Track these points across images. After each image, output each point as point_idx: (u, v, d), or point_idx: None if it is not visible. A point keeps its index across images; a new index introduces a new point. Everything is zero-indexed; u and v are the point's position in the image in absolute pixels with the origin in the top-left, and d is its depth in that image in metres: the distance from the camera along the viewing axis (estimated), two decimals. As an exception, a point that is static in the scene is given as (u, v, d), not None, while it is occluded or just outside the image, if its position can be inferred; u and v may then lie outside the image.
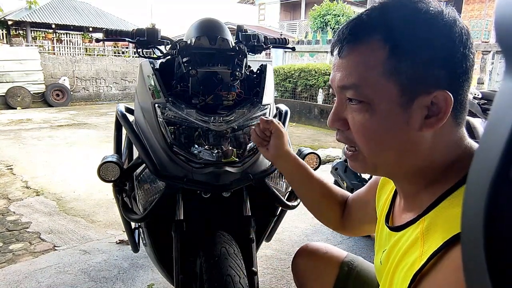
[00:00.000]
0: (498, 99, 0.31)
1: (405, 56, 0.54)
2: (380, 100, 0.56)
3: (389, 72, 0.55)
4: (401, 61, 0.54)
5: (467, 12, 15.81)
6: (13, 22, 12.33)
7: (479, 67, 6.15)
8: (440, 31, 0.54)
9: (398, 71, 0.54)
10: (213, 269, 1.06)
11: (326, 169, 3.53)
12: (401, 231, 0.63)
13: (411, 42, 0.54)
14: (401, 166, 0.60)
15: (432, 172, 0.59)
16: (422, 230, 0.56)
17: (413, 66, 0.54)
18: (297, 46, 9.37)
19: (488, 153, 0.30)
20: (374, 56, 0.56)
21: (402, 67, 0.54)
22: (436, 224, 0.54)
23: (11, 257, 2.14)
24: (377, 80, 0.56)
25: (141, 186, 1.20)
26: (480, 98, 3.35)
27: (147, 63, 1.28)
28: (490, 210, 0.30)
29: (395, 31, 0.55)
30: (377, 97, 0.56)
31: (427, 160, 0.59)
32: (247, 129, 1.17)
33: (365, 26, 0.58)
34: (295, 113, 7.24)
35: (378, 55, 0.55)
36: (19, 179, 3.61)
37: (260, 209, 1.30)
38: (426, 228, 0.55)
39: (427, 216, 0.57)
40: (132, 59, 11.84)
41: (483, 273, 0.30)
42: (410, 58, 0.54)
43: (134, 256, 2.14)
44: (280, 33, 14.43)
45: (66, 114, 8.31)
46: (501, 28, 0.30)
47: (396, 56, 0.54)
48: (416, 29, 0.54)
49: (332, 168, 2.55)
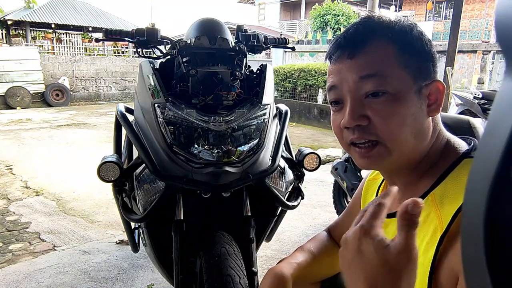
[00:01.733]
0: (498, 99, 0.31)
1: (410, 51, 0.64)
2: (400, 88, 0.62)
3: (403, 64, 0.63)
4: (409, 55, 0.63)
5: (467, 12, 15.81)
6: (12, 22, 12.32)
7: (479, 67, 6.16)
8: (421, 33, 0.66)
9: (409, 64, 0.63)
10: (213, 269, 1.06)
11: (326, 169, 3.53)
12: None
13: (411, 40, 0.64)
14: (417, 151, 0.66)
15: (433, 154, 0.67)
16: (435, 202, 0.62)
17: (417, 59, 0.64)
18: (297, 46, 9.37)
19: (488, 153, 0.30)
20: (387, 52, 0.63)
21: (410, 60, 0.63)
22: (449, 192, 0.61)
23: (11, 257, 2.14)
24: (395, 71, 0.63)
25: (141, 186, 1.20)
26: (480, 98, 3.35)
27: (147, 63, 1.28)
28: (490, 210, 0.30)
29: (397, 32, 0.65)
30: (398, 86, 0.62)
31: (431, 143, 0.66)
32: (247, 129, 1.17)
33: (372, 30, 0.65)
34: (295, 113, 7.24)
35: (390, 51, 0.63)
36: (19, 179, 3.61)
37: (260, 209, 1.30)
38: (440, 199, 0.62)
39: (436, 190, 0.63)
40: (132, 59, 11.83)
41: (483, 273, 0.30)
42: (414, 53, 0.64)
43: (134, 256, 2.14)
44: (280, 33, 14.43)
45: (65, 114, 8.30)
46: (501, 28, 0.30)
47: (404, 51, 0.63)
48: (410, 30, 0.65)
49: (332, 168, 2.54)
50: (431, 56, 0.66)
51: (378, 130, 0.64)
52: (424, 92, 0.64)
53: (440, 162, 0.66)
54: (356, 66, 0.64)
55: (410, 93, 0.63)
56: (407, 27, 0.66)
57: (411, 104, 0.62)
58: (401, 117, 0.62)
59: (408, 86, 0.63)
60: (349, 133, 0.66)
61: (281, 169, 1.32)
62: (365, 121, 0.64)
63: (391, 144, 0.64)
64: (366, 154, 0.66)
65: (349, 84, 0.65)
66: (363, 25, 0.67)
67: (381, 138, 0.64)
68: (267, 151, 1.24)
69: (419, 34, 0.66)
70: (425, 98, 0.64)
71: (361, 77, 0.63)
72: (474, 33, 16.12)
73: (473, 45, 7.00)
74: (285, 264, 0.84)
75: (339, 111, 0.68)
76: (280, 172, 1.32)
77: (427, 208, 0.62)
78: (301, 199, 1.40)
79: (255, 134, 1.19)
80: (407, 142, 0.64)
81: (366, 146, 0.66)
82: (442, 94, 0.65)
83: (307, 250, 0.91)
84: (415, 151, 0.66)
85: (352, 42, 0.65)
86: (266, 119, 1.21)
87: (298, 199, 1.38)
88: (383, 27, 0.65)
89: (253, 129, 1.18)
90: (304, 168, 1.39)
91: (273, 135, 1.29)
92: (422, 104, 0.64)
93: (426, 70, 0.64)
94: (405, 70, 0.63)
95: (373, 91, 0.63)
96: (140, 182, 1.20)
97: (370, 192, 0.86)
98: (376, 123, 0.63)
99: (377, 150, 0.65)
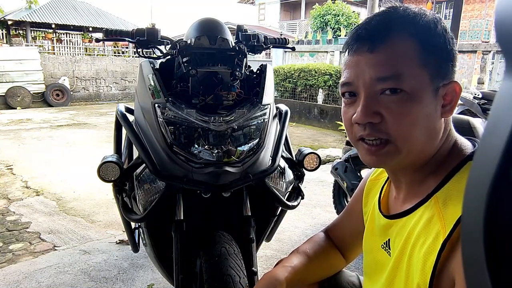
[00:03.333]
0: (498, 99, 0.31)
1: (432, 48, 0.61)
2: (418, 88, 0.61)
3: (422, 63, 0.61)
4: (429, 53, 0.61)
5: (467, 12, 15.80)
6: (13, 22, 12.32)
7: (479, 67, 6.15)
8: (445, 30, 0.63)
9: (428, 62, 0.61)
10: (213, 269, 1.06)
11: (326, 169, 3.53)
12: (408, 215, 0.67)
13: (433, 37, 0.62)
14: (426, 151, 0.65)
15: (440, 156, 0.65)
16: (438, 206, 0.61)
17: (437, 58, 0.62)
18: (297, 46, 9.36)
19: (488, 153, 0.30)
20: (409, 48, 0.61)
21: (430, 59, 0.61)
22: (452, 196, 0.60)
23: (11, 257, 2.14)
24: (414, 70, 0.60)
25: (141, 186, 1.20)
26: (480, 98, 3.35)
27: (147, 63, 1.28)
28: (490, 209, 0.30)
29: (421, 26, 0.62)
30: (416, 85, 0.60)
31: (439, 145, 0.65)
32: (247, 129, 1.17)
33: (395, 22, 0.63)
34: (295, 113, 7.24)
35: (412, 47, 0.61)
36: (19, 179, 3.61)
37: (260, 209, 1.30)
38: (443, 202, 0.60)
39: (439, 193, 0.62)
40: (132, 59, 11.83)
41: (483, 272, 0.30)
42: (435, 51, 0.61)
43: (134, 256, 2.14)
44: (280, 33, 14.43)
45: (66, 114, 8.31)
46: (501, 28, 0.31)
47: (426, 48, 0.61)
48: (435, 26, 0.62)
49: (332, 168, 2.54)
50: (452, 55, 0.63)
51: (390, 129, 0.62)
52: (441, 92, 0.62)
53: (445, 164, 0.65)
54: (374, 61, 0.62)
55: (427, 92, 0.61)
56: (432, 22, 0.62)
57: (426, 104, 0.61)
58: (415, 116, 0.61)
59: (425, 85, 0.61)
60: (359, 128, 0.65)
61: (281, 169, 1.32)
62: (378, 118, 0.63)
63: (401, 143, 0.63)
64: (375, 152, 0.65)
65: (365, 79, 0.63)
66: (386, 16, 0.64)
67: (392, 137, 0.63)
68: (267, 151, 1.24)
69: (443, 30, 0.62)
70: (440, 98, 0.62)
71: (378, 78, 0.62)
72: (474, 33, 16.11)
73: (473, 45, 6.99)
74: (280, 268, 0.83)
75: (352, 104, 0.66)
76: (280, 172, 1.32)
77: (430, 211, 0.61)
78: (301, 199, 1.40)
79: (255, 134, 1.19)
80: (418, 142, 0.63)
81: (375, 143, 0.64)
82: (458, 96, 0.63)
83: (302, 252, 0.90)
84: (425, 152, 0.65)
85: (372, 35, 0.62)
86: (266, 119, 1.21)
87: (298, 199, 1.38)
88: (407, 20, 0.62)
89: (253, 129, 1.18)
90: (304, 168, 1.39)
91: (273, 135, 1.29)
92: (437, 105, 0.62)
93: (445, 70, 0.62)
94: (425, 69, 0.61)
95: (389, 88, 0.61)
96: (140, 182, 1.20)
97: (373, 192, 0.85)
98: (389, 122, 0.62)
99: (387, 149, 0.64)
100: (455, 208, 0.58)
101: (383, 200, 0.79)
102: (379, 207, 0.78)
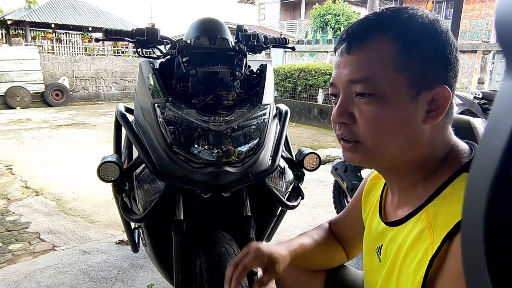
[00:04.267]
0: (499, 99, 0.31)
1: (414, 52, 0.59)
2: (391, 92, 0.59)
3: (400, 66, 0.59)
4: (410, 57, 0.59)
5: (467, 11, 15.81)
6: (12, 22, 12.31)
7: (479, 66, 6.16)
8: (441, 33, 0.60)
9: (408, 66, 0.59)
10: (213, 269, 1.06)
11: (326, 169, 3.53)
12: (400, 225, 0.66)
13: (419, 40, 0.59)
14: (404, 157, 0.64)
15: (431, 164, 0.64)
16: (428, 220, 0.59)
17: (420, 62, 0.59)
18: (297, 45, 9.37)
19: (488, 153, 0.30)
20: (386, 51, 0.60)
21: (411, 62, 0.59)
22: (443, 211, 0.58)
23: (11, 257, 2.13)
24: (389, 74, 0.59)
25: (140, 186, 1.20)
26: (481, 98, 3.35)
27: (147, 63, 1.28)
28: (490, 209, 0.30)
29: (406, 29, 0.60)
30: (389, 89, 0.59)
31: (427, 152, 0.63)
32: (247, 129, 1.17)
33: (377, 24, 0.62)
34: (295, 113, 7.24)
35: (390, 50, 0.59)
36: (19, 179, 3.61)
37: (260, 209, 1.30)
38: (433, 217, 0.59)
39: (430, 206, 0.61)
40: (132, 59, 11.83)
41: (483, 272, 0.30)
42: (418, 54, 0.59)
43: (134, 256, 2.14)
44: (280, 32, 14.42)
45: (65, 114, 8.30)
46: (502, 28, 0.31)
47: (406, 51, 0.59)
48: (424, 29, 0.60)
49: (332, 168, 2.54)
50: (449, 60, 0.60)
51: (359, 131, 0.63)
52: (424, 97, 0.59)
53: (438, 172, 0.63)
54: (350, 63, 0.62)
55: (402, 97, 0.59)
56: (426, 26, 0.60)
57: (402, 109, 0.59)
58: (386, 120, 0.60)
59: (400, 89, 0.59)
60: (337, 127, 0.67)
61: (281, 169, 1.32)
62: (351, 119, 0.64)
63: (372, 146, 0.63)
64: (349, 149, 0.66)
65: (342, 81, 0.64)
66: (372, 18, 0.63)
67: (361, 139, 0.64)
68: (267, 151, 1.24)
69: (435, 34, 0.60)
70: (424, 103, 0.59)
71: (351, 80, 0.62)
72: (474, 33, 16.12)
73: (473, 45, 7.00)
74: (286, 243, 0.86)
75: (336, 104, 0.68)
76: (280, 172, 1.32)
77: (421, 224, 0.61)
78: (301, 199, 1.40)
79: (255, 134, 1.19)
80: (391, 147, 0.62)
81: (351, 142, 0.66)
82: (447, 102, 0.59)
83: (310, 235, 0.93)
84: (404, 157, 0.64)
85: (352, 36, 0.63)
86: (266, 119, 1.21)
87: (298, 199, 1.38)
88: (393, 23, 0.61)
89: (253, 129, 1.18)
90: (304, 168, 1.39)
91: (273, 135, 1.29)
92: (418, 110, 0.59)
93: (431, 75, 0.59)
94: (402, 73, 0.59)
95: (360, 92, 0.61)
96: (140, 182, 1.20)
97: (373, 192, 0.85)
98: (359, 124, 0.63)
99: (358, 149, 0.65)
100: (445, 223, 0.56)
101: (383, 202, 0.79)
102: (380, 210, 0.78)
